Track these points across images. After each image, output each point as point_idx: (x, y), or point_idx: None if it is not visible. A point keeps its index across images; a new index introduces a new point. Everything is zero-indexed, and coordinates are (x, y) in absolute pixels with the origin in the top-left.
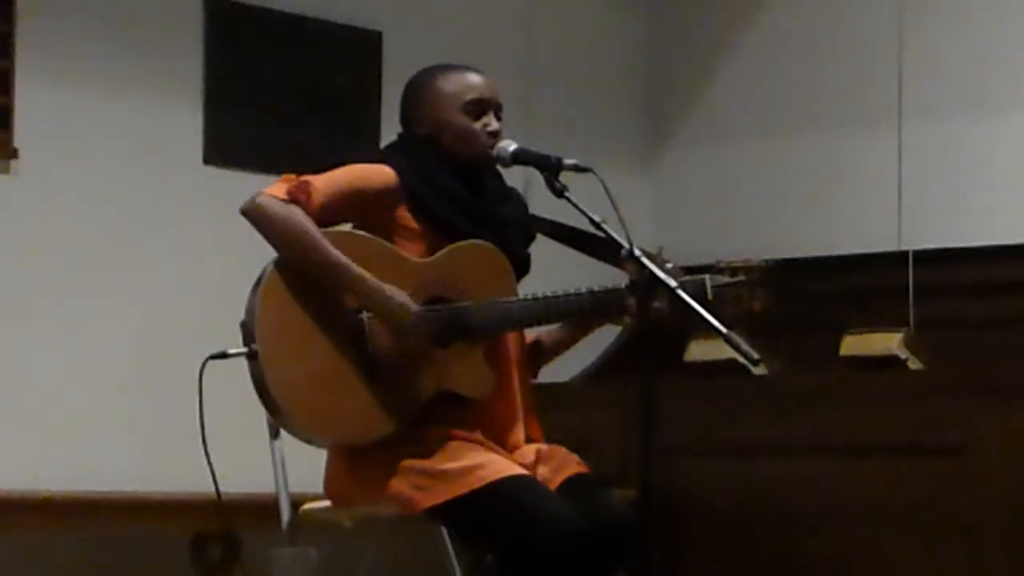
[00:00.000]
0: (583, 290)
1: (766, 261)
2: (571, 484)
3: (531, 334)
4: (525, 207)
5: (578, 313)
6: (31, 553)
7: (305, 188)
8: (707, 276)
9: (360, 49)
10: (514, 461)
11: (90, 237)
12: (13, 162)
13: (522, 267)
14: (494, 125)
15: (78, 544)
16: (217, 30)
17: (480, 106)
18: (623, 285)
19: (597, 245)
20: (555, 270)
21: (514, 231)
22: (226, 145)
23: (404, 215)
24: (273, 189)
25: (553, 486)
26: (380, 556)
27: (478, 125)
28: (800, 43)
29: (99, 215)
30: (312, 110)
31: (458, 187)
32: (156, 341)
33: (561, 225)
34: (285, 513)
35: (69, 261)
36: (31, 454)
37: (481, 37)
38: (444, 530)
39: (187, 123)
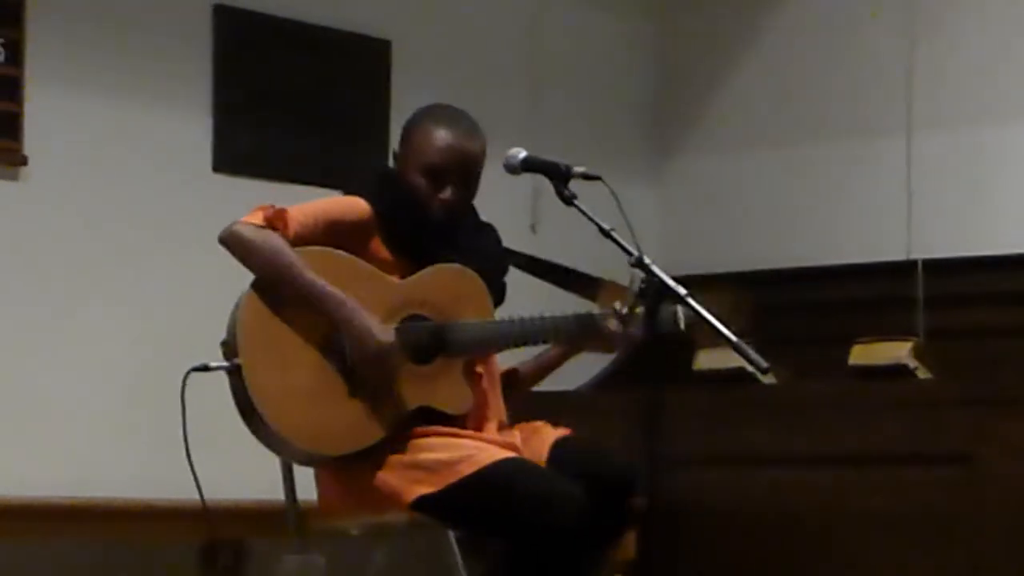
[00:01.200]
0: (564, 314)
1: (737, 289)
2: (559, 449)
3: (504, 364)
4: (498, 240)
5: (555, 336)
6: (39, 560)
7: (281, 216)
8: (679, 307)
9: (369, 58)
10: (501, 444)
11: (99, 244)
12: (23, 169)
13: (497, 296)
14: (446, 195)
15: (86, 551)
16: (226, 38)
17: (438, 175)
18: (604, 312)
19: (571, 279)
20: (537, 300)
21: (487, 263)
22: (235, 153)
23: (378, 247)
24: (249, 217)
25: (543, 453)
26: (387, 563)
27: (432, 190)
28: (809, 53)
29: (108, 223)
30: (321, 119)
31: (430, 220)
32: (165, 347)
33: (535, 259)
34: (293, 521)
35: (78, 268)
36: (39, 460)
37: (489, 46)
38: (451, 536)
39: (196, 131)
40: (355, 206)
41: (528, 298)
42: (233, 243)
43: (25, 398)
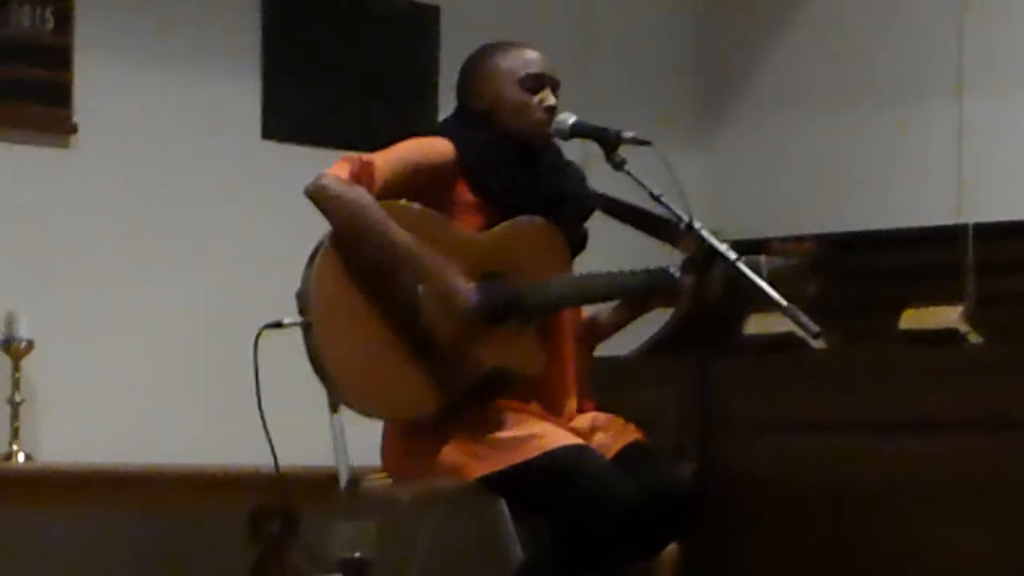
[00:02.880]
0: (639, 269)
1: (819, 244)
2: (628, 453)
3: (586, 311)
4: (583, 180)
5: (632, 292)
6: (91, 526)
7: (367, 169)
8: (762, 257)
9: (418, 24)
10: (570, 430)
11: (149, 211)
12: (73, 137)
13: (578, 243)
14: (550, 100)
15: (137, 517)
16: (275, 4)
17: (537, 81)
18: (679, 264)
19: (654, 223)
20: (611, 248)
21: (570, 206)
22: (284, 120)
23: (462, 189)
24: (336, 170)
25: (610, 454)
26: (439, 529)
27: (535, 100)
28: (859, 16)
29: (158, 190)
30: (370, 85)
31: (514, 162)
32: (214, 315)
33: (618, 202)
34: (344, 487)
35: (128, 235)
36: (89, 427)
37: (538, 12)
38: (503, 503)
39: (246, 98)
40: (439, 147)
41: (609, 242)
42: (320, 198)
43: (73, 365)
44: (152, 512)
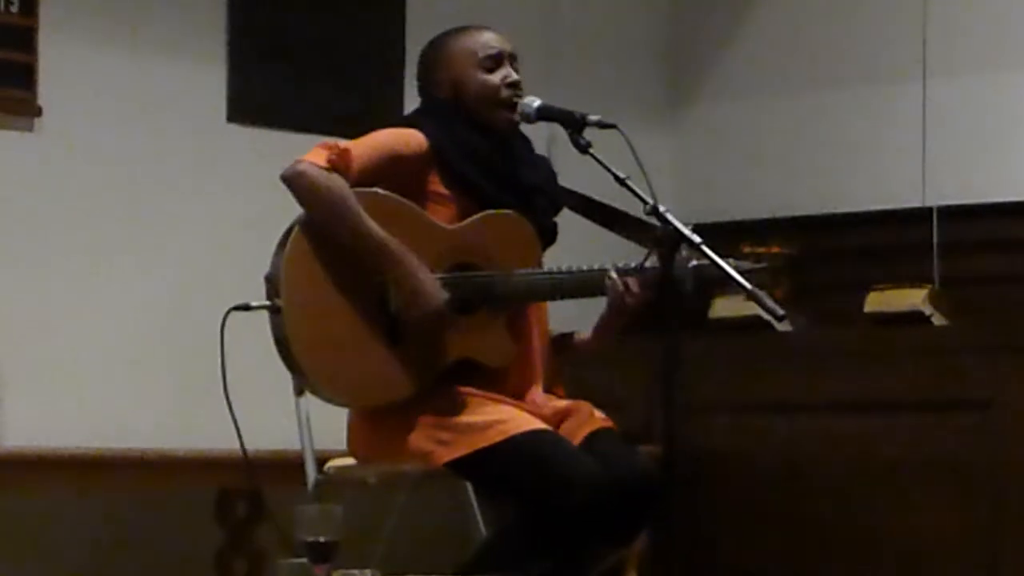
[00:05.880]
0: (607, 265)
1: (788, 250)
2: (594, 439)
3: (556, 328)
4: (553, 175)
5: (601, 288)
6: (56, 510)
7: (344, 156)
8: (730, 260)
9: (384, 7)
10: (537, 415)
11: (114, 195)
12: (37, 120)
13: (548, 236)
14: (513, 76)
15: (103, 501)
16: None
17: (495, 60)
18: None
19: (622, 222)
20: (582, 243)
21: (541, 198)
22: (250, 103)
23: (434, 180)
24: (313, 156)
25: (576, 440)
26: (405, 512)
27: (496, 78)
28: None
29: (123, 173)
30: (336, 68)
31: (486, 151)
32: (179, 299)
33: (588, 199)
34: (310, 470)
35: (93, 218)
36: (56, 411)
37: None
38: (469, 485)
39: (211, 81)
40: (413, 138)
41: (580, 237)
42: (297, 184)
43: (38, 348)
44: (118, 496)
